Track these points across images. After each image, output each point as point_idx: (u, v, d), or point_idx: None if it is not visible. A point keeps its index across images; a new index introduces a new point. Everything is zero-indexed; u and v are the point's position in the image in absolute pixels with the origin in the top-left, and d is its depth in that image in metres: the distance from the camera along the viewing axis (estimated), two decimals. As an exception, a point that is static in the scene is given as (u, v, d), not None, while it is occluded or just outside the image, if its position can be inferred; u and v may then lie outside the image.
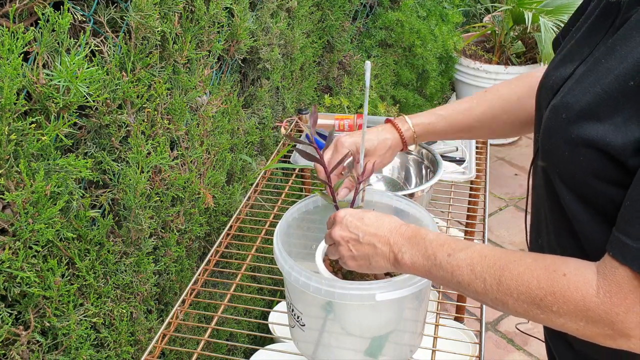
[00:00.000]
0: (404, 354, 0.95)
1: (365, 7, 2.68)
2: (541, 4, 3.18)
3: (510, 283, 0.69)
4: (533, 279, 0.68)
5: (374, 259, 0.82)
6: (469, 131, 1.06)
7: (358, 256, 0.84)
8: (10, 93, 0.83)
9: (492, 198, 3.00)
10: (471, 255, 0.74)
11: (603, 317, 0.64)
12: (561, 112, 0.72)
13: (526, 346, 2.27)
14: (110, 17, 1.10)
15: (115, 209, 1.18)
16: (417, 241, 0.79)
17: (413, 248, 0.78)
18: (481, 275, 0.72)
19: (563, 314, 0.66)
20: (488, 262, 0.72)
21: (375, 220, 0.83)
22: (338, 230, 0.85)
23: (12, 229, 0.91)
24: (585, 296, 0.64)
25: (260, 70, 1.77)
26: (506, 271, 0.70)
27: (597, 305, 0.64)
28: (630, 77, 0.64)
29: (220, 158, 1.55)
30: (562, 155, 0.72)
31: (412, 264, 0.78)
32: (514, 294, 0.69)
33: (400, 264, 0.79)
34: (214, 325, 1.17)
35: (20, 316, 0.97)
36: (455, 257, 0.74)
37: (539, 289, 0.67)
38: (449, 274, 0.75)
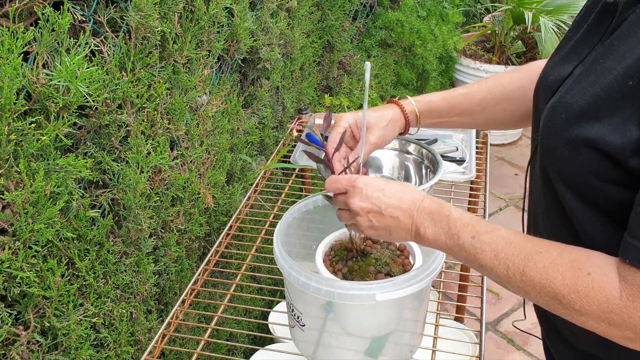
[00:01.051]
0: (404, 354, 0.95)
1: (365, 7, 2.68)
2: (541, 4, 3.18)
3: (534, 275, 0.69)
4: (558, 274, 0.67)
5: (395, 231, 0.81)
6: (470, 115, 1.05)
7: (378, 227, 0.82)
8: (10, 93, 0.83)
9: (492, 198, 3.00)
10: (496, 239, 0.73)
11: (626, 320, 0.63)
12: (560, 112, 0.73)
13: (526, 346, 2.27)
14: (110, 17, 1.10)
15: (115, 209, 1.18)
16: (440, 218, 0.78)
17: (436, 225, 0.77)
18: (504, 262, 0.71)
19: (585, 313, 0.66)
20: (513, 249, 0.71)
21: (397, 191, 0.82)
22: (357, 201, 0.83)
23: (12, 229, 0.91)
24: (608, 298, 0.64)
25: (260, 70, 1.77)
26: (531, 262, 0.69)
27: (620, 309, 0.63)
28: (628, 77, 0.64)
29: (220, 158, 1.54)
30: (562, 155, 0.72)
31: (435, 240, 0.78)
32: (537, 286, 0.69)
33: (422, 237, 0.79)
34: (213, 325, 1.17)
35: (20, 316, 0.97)
36: (479, 239, 0.73)
37: (562, 286, 0.67)
38: (472, 256, 0.74)
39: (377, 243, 0.99)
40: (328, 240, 0.99)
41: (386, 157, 1.61)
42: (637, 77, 0.63)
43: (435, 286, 1.28)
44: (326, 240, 0.99)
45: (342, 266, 0.94)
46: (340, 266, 0.94)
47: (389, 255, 0.95)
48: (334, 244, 0.99)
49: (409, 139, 1.58)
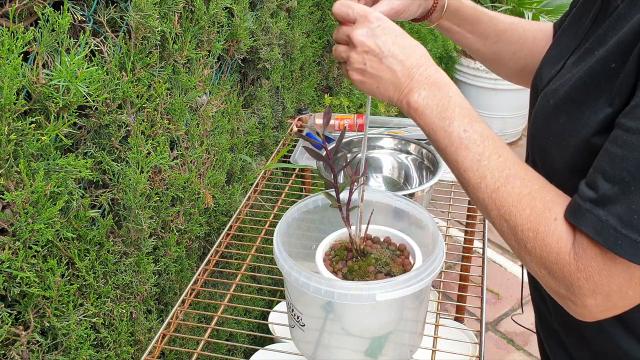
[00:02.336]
0: (404, 354, 0.95)
1: (365, 7, 2.68)
2: (541, 4, 3.18)
3: (506, 197, 0.66)
4: (528, 207, 0.65)
5: (383, 85, 0.74)
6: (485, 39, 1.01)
7: (368, 73, 0.75)
8: (10, 93, 0.83)
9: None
10: (487, 145, 0.69)
11: (565, 276, 0.63)
12: (549, 97, 0.73)
13: (526, 346, 2.27)
14: (110, 17, 1.10)
15: (115, 209, 1.18)
16: (441, 94, 0.71)
17: (434, 99, 0.71)
18: (483, 171, 0.68)
19: (533, 254, 0.65)
20: (497, 163, 0.67)
21: (408, 45, 0.74)
22: (361, 35, 0.74)
23: (11, 229, 0.91)
24: (560, 250, 0.63)
25: (260, 70, 1.77)
26: (509, 184, 0.66)
27: (565, 263, 0.62)
28: (611, 59, 0.64)
29: (220, 158, 1.55)
30: (549, 142, 0.72)
31: (423, 112, 0.72)
32: (502, 209, 0.66)
33: (410, 105, 0.73)
34: (213, 325, 1.17)
35: (20, 316, 0.97)
36: (469, 136, 0.69)
37: (527, 221, 0.65)
38: (453, 147, 0.70)
39: (377, 243, 0.99)
40: (328, 240, 0.99)
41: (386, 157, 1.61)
42: (620, 59, 0.63)
43: (435, 286, 1.28)
44: (326, 240, 0.99)
45: (342, 266, 0.94)
46: (340, 266, 0.94)
47: (389, 255, 0.95)
48: (334, 244, 0.99)
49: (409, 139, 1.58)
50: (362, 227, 0.95)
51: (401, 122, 1.89)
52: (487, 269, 1.26)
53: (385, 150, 1.59)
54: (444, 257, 0.91)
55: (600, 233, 0.60)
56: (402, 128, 1.83)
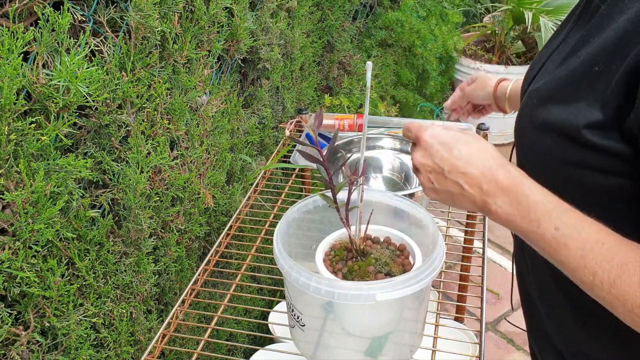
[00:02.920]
0: (404, 354, 0.95)
1: (365, 7, 2.68)
2: (541, 4, 3.18)
3: (627, 290, 0.58)
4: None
5: (458, 199, 0.73)
6: None
7: (440, 190, 0.74)
8: (10, 93, 0.83)
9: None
10: (585, 237, 0.62)
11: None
12: (533, 97, 0.74)
13: (526, 346, 2.27)
14: (110, 17, 1.10)
15: (115, 209, 1.18)
16: (517, 198, 0.67)
17: (512, 205, 0.67)
18: (592, 267, 0.61)
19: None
20: (604, 253, 0.61)
21: (467, 153, 0.72)
22: (420, 157, 0.75)
23: (12, 229, 0.91)
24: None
25: (260, 70, 1.77)
26: (625, 273, 0.59)
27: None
28: (595, 62, 0.65)
29: (220, 158, 1.54)
30: (532, 141, 0.73)
31: (507, 221, 0.68)
32: (628, 303, 0.58)
33: (492, 213, 0.69)
34: (213, 325, 1.17)
35: (20, 316, 0.97)
36: (564, 233, 0.63)
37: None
38: (552, 249, 0.64)
39: (377, 243, 0.99)
40: (328, 240, 0.99)
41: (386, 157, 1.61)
42: (603, 63, 0.64)
43: (435, 286, 1.28)
44: (326, 240, 0.99)
45: (342, 266, 0.94)
46: (340, 266, 0.94)
47: (389, 255, 0.95)
48: (334, 244, 0.99)
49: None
50: (361, 227, 0.95)
51: (401, 122, 1.89)
52: (487, 269, 1.26)
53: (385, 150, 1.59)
54: (444, 257, 0.91)
55: None
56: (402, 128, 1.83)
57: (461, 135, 0.74)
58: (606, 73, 0.63)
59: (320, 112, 0.87)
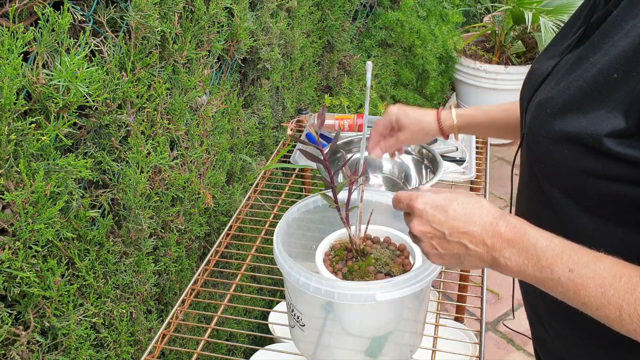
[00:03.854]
0: (404, 354, 0.95)
1: (365, 7, 2.68)
2: (541, 4, 3.18)
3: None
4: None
5: (466, 259, 0.71)
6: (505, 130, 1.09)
7: (445, 254, 0.72)
8: (10, 93, 0.83)
9: (492, 198, 3.00)
10: (601, 273, 0.61)
11: None
12: (546, 107, 0.72)
13: (526, 346, 2.27)
14: (110, 17, 1.10)
15: (115, 209, 1.18)
16: (524, 247, 0.66)
17: (520, 255, 0.66)
18: (616, 302, 0.59)
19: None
20: (625, 286, 0.59)
21: (463, 212, 0.70)
22: (418, 225, 0.73)
23: (12, 229, 0.91)
24: None
25: (260, 70, 1.77)
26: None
27: None
28: (613, 70, 0.64)
29: (220, 158, 1.54)
30: (547, 150, 0.71)
31: (519, 272, 0.67)
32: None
33: (503, 268, 0.68)
34: (213, 325, 1.17)
35: (20, 316, 0.97)
36: (579, 273, 0.62)
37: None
38: (571, 292, 0.63)
39: (377, 243, 0.99)
40: (328, 240, 0.99)
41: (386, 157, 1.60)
42: (622, 70, 0.63)
43: (435, 286, 1.28)
44: (326, 240, 0.99)
45: (342, 266, 0.94)
46: (340, 266, 0.94)
47: (389, 255, 0.95)
48: (334, 244, 0.99)
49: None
50: (361, 227, 0.95)
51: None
52: (487, 269, 1.26)
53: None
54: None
55: None
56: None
57: (453, 195, 0.73)
58: (626, 80, 0.62)
59: (323, 111, 0.88)
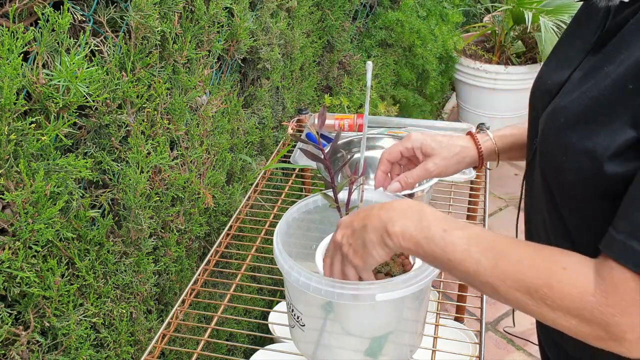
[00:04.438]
0: (404, 354, 0.95)
1: (365, 7, 2.68)
2: (541, 4, 3.18)
3: (507, 268, 0.66)
4: (532, 267, 0.65)
5: (367, 238, 0.77)
6: None
7: (355, 244, 0.79)
8: (10, 93, 0.83)
9: (492, 198, 3.00)
10: (469, 234, 0.70)
11: (598, 318, 0.61)
12: (559, 116, 0.71)
13: (526, 346, 2.27)
14: (110, 17, 1.10)
15: (115, 209, 1.18)
16: (412, 212, 0.75)
17: (406, 218, 0.74)
18: (476, 255, 0.68)
19: (556, 309, 0.64)
20: (486, 244, 0.69)
21: (369, 208, 0.80)
22: (336, 233, 0.83)
23: (11, 229, 0.91)
24: (582, 294, 0.62)
25: (260, 70, 1.77)
26: (504, 255, 0.67)
27: (593, 305, 0.61)
28: (628, 81, 0.63)
29: (220, 158, 1.55)
30: (559, 161, 0.71)
31: (402, 233, 0.74)
32: (508, 280, 0.66)
33: (390, 235, 0.75)
34: (213, 325, 1.17)
35: (20, 316, 0.97)
36: (451, 233, 0.71)
37: (536, 279, 0.64)
38: (440, 249, 0.71)
39: None
40: (328, 239, 0.99)
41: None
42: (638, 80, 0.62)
43: (435, 286, 1.28)
44: (326, 240, 0.99)
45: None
46: None
47: None
48: None
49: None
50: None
51: (401, 122, 1.89)
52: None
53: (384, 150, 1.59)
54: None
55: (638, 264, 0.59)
56: (402, 128, 1.83)
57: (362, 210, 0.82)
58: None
59: (323, 111, 0.88)
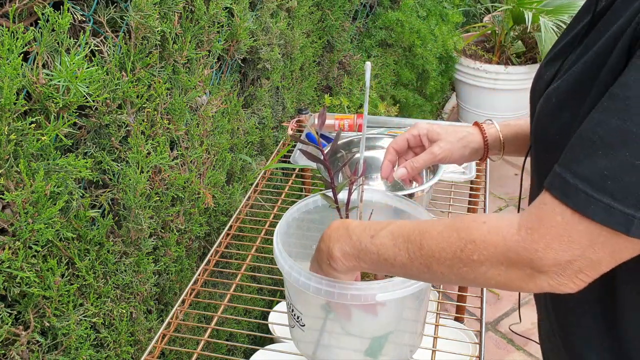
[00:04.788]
0: (403, 354, 0.95)
1: (365, 7, 2.68)
2: (541, 3, 3.18)
3: (431, 243, 0.67)
4: (453, 232, 0.66)
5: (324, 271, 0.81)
6: None
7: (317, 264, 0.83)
8: (10, 93, 0.83)
9: (492, 198, 3.00)
10: (392, 230, 0.72)
11: (522, 256, 0.61)
12: (551, 97, 0.72)
13: (526, 346, 2.27)
14: (110, 17, 1.10)
15: (115, 209, 1.18)
16: (340, 233, 0.77)
17: (339, 240, 0.76)
18: (404, 244, 0.70)
19: (484, 260, 0.64)
20: (407, 231, 0.70)
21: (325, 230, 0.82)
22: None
23: (12, 229, 0.91)
24: (505, 236, 0.62)
25: (260, 70, 1.77)
26: (426, 234, 0.68)
27: (517, 243, 0.61)
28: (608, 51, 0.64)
29: (220, 158, 1.55)
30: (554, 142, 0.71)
31: (343, 255, 0.76)
32: (435, 253, 0.67)
33: (335, 260, 0.78)
34: (213, 325, 1.17)
35: (20, 316, 0.97)
36: (378, 236, 0.73)
37: (458, 240, 0.65)
38: (375, 255, 0.73)
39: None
40: None
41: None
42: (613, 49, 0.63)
43: (435, 286, 1.28)
44: None
45: None
46: None
47: None
48: None
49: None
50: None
51: (401, 122, 1.89)
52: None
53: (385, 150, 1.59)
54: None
55: (569, 196, 0.59)
56: (402, 128, 1.83)
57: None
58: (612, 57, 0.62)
59: (324, 111, 0.88)
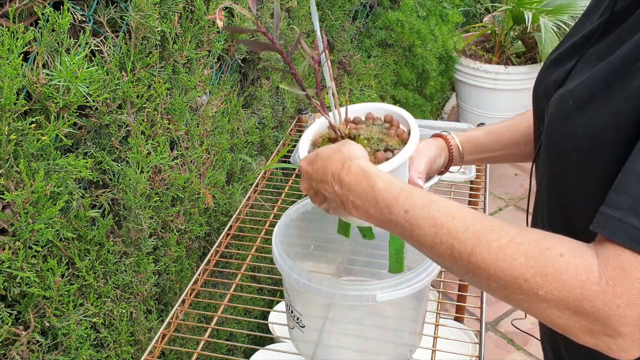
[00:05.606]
0: (403, 353, 0.96)
1: (365, 7, 2.68)
2: (541, 4, 3.18)
3: (487, 257, 0.59)
4: (519, 254, 0.57)
5: (331, 207, 0.76)
6: (516, 146, 1.00)
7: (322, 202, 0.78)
8: (10, 93, 0.83)
9: (492, 198, 3.00)
10: (435, 214, 0.63)
11: (599, 309, 0.54)
12: (567, 99, 0.70)
13: (526, 346, 2.27)
14: (110, 17, 1.10)
15: (115, 209, 1.18)
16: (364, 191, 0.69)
17: (361, 199, 0.69)
18: (447, 240, 0.61)
19: (549, 300, 0.56)
20: (458, 225, 0.61)
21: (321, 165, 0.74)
22: (301, 183, 0.79)
23: (12, 229, 0.91)
24: (584, 283, 0.54)
25: (260, 70, 1.77)
26: (482, 240, 0.59)
27: (597, 295, 0.54)
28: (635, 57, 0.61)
29: (220, 158, 1.55)
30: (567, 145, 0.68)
31: (365, 214, 0.70)
32: (490, 268, 0.58)
33: (352, 213, 0.71)
34: (213, 325, 1.17)
35: (20, 316, 0.97)
36: (414, 214, 0.65)
37: (525, 267, 0.57)
38: (408, 233, 0.65)
39: (361, 123, 0.86)
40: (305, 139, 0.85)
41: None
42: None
43: (435, 286, 1.28)
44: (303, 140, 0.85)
45: None
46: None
47: (378, 130, 0.84)
48: (314, 140, 0.85)
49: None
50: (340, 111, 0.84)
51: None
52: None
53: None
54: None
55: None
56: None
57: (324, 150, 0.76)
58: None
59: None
